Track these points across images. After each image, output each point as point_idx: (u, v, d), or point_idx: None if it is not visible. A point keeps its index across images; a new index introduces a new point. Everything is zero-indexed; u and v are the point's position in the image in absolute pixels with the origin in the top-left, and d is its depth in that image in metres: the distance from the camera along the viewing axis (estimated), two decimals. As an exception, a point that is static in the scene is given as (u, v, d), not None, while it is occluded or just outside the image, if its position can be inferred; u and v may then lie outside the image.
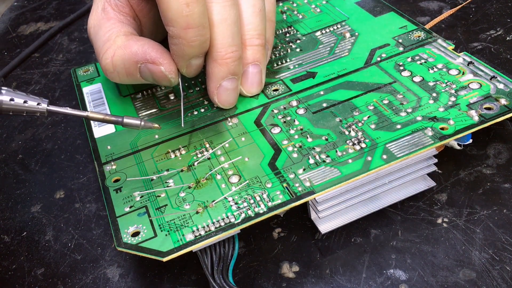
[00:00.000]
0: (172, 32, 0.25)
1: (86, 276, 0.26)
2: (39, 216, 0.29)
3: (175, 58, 0.26)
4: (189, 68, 0.27)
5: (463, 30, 0.37)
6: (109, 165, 0.28)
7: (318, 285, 0.24)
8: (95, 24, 0.29)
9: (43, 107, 0.23)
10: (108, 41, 0.27)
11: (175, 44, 0.25)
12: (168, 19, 0.24)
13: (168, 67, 0.26)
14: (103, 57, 0.27)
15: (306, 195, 0.23)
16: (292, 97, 0.30)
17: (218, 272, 0.23)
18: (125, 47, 0.27)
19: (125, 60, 0.27)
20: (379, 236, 0.25)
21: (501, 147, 0.28)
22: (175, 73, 0.27)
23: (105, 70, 0.28)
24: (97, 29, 0.28)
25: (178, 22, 0.24)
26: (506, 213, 0.25)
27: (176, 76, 0.27)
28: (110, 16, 0.28)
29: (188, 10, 0.24)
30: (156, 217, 0.24)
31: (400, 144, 0.25)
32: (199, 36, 0.25)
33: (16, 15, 0.52)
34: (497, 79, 0.28)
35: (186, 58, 0.26)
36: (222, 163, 0.26)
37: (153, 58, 0.26)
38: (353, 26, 0.35)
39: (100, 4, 0.29)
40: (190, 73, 0.27)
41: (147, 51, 0.26)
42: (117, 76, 0.28)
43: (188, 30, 0.24)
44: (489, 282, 0.22)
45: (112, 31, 0.28)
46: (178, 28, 0.24)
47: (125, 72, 0.27)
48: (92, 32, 0.29)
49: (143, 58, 0.26)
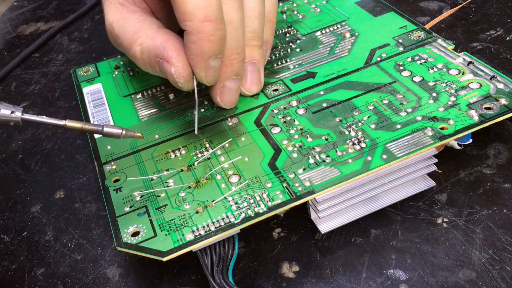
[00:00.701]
0: (190, 27, 0.24)
1: (86, 276, 0.26)
2: (39, 216, 0.29)
3: (193, 59, 0.25)
4: (208, 71, 0.26)
5: (463, 30, 0.37)
6: (109, 165, 0.28)
7: (318, 285, 0.24)
8: (119, 18, 0.29)
9: (17, 115, 0.22)
10: (140, 30, 0.27)
11: (193, 41, 0.25)
12: (185, 13, 0.24)
13: (179, 70, 0.26)
14: (133, 45, 0.27)
15: (306, 195, 0.23)
16: (292, 97, 0.30)
17: (218, 272, 0.23)
18: (152, 38, 0.27)
19: (149, 51, 0.27)
20: (379, 236, 0.25)
21: (501, 147, 0.28)
22: (184, 78, 0.26)
23: (134, 57, 0.28)
24: (122, 22, 0.28)
25: (196, 15, 0.24)
26: (506, 213, 0.25)
27: (185, 82, 0.26)
28: (133, 9, 0.29)
29: (206, 2, 0.24)
30: (156, 217, 0.24)
31: (400, 144, 0.25)
32: (217, 30, 0.24)
33: (16, 15, 0.52)
34: (497, 79, 0.28)
35: (205, 57, 0.25)
36: (222, 163, 0.26)
37: (169, 57, 0.26)
38: (353, 26, 0.35)
39: (113, 1, 0.29)
40: (208, 77, 0.26)
41: (167, 48, 0.26)
42: (143, 64, 0.28)
43: (207, 23, 0.24)
44: (489, 282, 0.22)
45: (144, 22, 0.28)
46: (196, 22, 0.24)
47: (149, 62, 0.28)
48: (116, 26, 0.29)
49: (161, 53, 0.26)
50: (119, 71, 0.35)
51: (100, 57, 0.42)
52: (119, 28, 0.29)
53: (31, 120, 0.22)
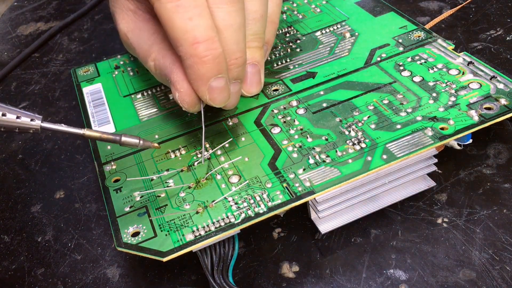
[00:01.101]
0: (183, 52, 0.24)
1: (86, 276, 0.26)
2: (39, 216, 0.29)
3: (194, 84, 0.25)
4: (212, 93, 0.25)
5: (463, 30, 0.37)
6: (109, 165, 0.28)
7: (318, 285, 0.24)
8: (133, 28, 0.28)
9: (37, 123, 0.22)
10: (154, 45, 0.27)
11: (189, 66, 0.24)
12: (175, 39, 0.24)
13: (182, 96, 0.26)
14: (148, 60, 0.28)
15: (306, 195, 0.23)
16: (292, 97, 0.30)
17: (218, 272, 0.23)
18: (164, 57, 0.27)
19: (161, 69, 0.27)
20: (379, 236, 0.25)
21: (501, 147, 0.28)
22: (188, 104, 0.26)
23: (150, 70, 0.28)
24: (137, 32, 0.28)
25: (184, 39, 0.24)
26: (506, 213, 0.25)
27: (189, 106, 0.26)
28: (146, 17, 0.28)
29: (193, 24, 0.23)
30: (156, 217, 0.24)
31: (400, 144, 0.25)
32: (210, 50, 0.24)
33: (16, 15, 0.52)
34: (497, 79, 0.28)
35: (204, 79, 0.24)
36: (222, 163, 0.26)
37: (174, 81, 0.26)
38: (353, 26, 0.35)
39: (124, 7, 0.29)
40: (214, 100, 0.25)
41: (174, 71, 0.26)
42: (158, 79, 0.29)
43: (197, 45, 0.24)
44: (489, 282, 0.22)
45: (158, 35, 0.27)
46: (186, 46, 0.24)
47: (161, 79, 0.28)
48: (131, 36, 0.29)
49: (169, 75, 0.26)
50: (119, 71, 0.35)
51: (100, 57, 0.42)
52: (134, 39, 0.28)
53: (50, 128, 0.23)
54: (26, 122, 0.22)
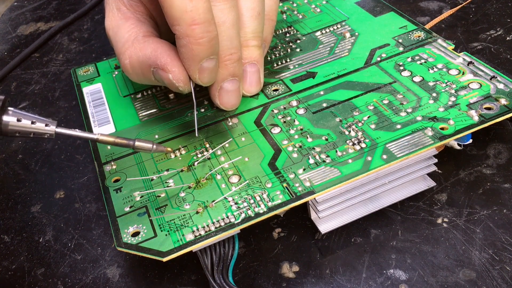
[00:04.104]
0: (179, 32, 0.24)
1: (86, 276, 0.26)
2: (39, 216, 0.29)
3: (186, 62, 0.25)
4: (202, 73, 0.26)
5: (463, 30, 0.37)
6: (109, 165, 0.28)
7: (318, 285, 0.24)
8: (114, 25, 0.28)
9: (51, 128, 0.22)
10: (127, 42, 0.27)
11: (183, 45, 0.25)
12: (172, 18, 0.24)
13: (176, 75, 0.26)
14: (122, 58, 0.27)
15: (306, 195, 0.23)
16: (292, 97, 0.30)
17: (218, 272, 0.23)
18: (141, 49, 0.26)
19: (140, 63, 0.27)
20: (379, 236, 0.25)
21: (501, 147, 0.28)
22: (183, 82, 0.26)
23: (124, 70, 0.28)
24: (116, 30, 0.28)
25: (183, 19, 0.24)
26: (506, 213, 0.25)
27: (185, 85, 0.26)
28: (128, 15, 0.28)
29: (192, 5, 0.23)
30: (156, 217, 0.24)
31: (400, 144, 0.25)
32: (206, 33, 0.24)
33: (16, 15, 0.52)
34: (497, 79, 0.28)
35: (196, 59, 0.25)
36: (222, 163, 0.26)
37: (163, 64, 0.26)
38: (353, 26, 0.35)
39: (114, 5, 0.29)
40: (203, 79, 0.26)
41: (159, 56, 0.26)
42: (135, 77, 0.28)
43: (194, 27, 0.24)
44: (489, 282, 0.22)
45: (132, 31, 0.27)
46: (184, 26, 0.24)
47: (142, 73, 0.28)
48: (111, 33, 0.29)
49: (154, 63, 0.26)
50: (119, 71, 0.35)
51: (100, 57, 0.42)
52: (112, 36, 0.29)
53: (65, 133, 0.23)
54: (41, 128, 0.22)
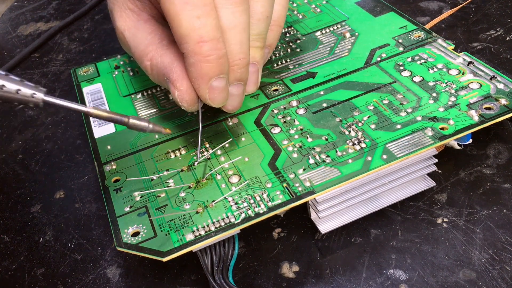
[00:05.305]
0: (187, 50, 0.24)
1: (86, 276, 0.26)
2: (39, 216, 0.29)
3: (195, 82, 0.25)
4: (212, 93, 0.25)
5: (463, 30, 0.37)
6: (109, 165, 0.28)
7: (318, 285, 0.24)
8: (130, 26, 0.28)
9: (38, 96, 0.21)
10: (151, 44, 0.27)
11: (192, 64, 0.24)
12: (180, 36, 0.24)
13: (182, 94, 0.26)
14: (144, 59, 0.27)
15: (306, 195, 0.23)
16: (292, 97, 0.30)
17: (218, 272, 0.23)
18: (161, 56, 0.26)
19: (158, 69, 0.27)
20: (379, 236, 0.25)
21: (501, 147, 0.28)
22: (187, 102, 0.26)
23: (145, 70, 0.28)
24: (134, 31, 0.28)
25: (190, 36, 0.24)
26: (506, 213, 0.25)
27: (188, 105, 0.26)
28: (145, 17, 0.28)
29: (200, 22, 0.23)
30: (156, 217, 0.24)
31: (400, 144, 0.25)
32: (214, 50, 0.24)
33: (16, 15, 0.52)
34: (497, 79, 0.28)
35: (205, 78, 0.25)
36: (222, 163, 0.26)
37: (173, 80, 0.26)
38: (353, 26, 0.35)
39: (124, 5, 0.29)
40: (214, 100, 0.26)
41: (173, 70, 0.26)
42: (153, 79, 0.28)
43: (202, 44, 0.24)
44: (489, 282, 0.22)
45: (155, 35, 0.27)
46: (191, 44, 0.24)
47: (157, 79, 0.28)
48: (128, 35, 0.28)
49: (167, 74, 0.26)
50: (119, 71, 0.35)
51: (100, 57, 0.42)
52: (130, 38, 0.28)
53: (53, 103, 0.21)
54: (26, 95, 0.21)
